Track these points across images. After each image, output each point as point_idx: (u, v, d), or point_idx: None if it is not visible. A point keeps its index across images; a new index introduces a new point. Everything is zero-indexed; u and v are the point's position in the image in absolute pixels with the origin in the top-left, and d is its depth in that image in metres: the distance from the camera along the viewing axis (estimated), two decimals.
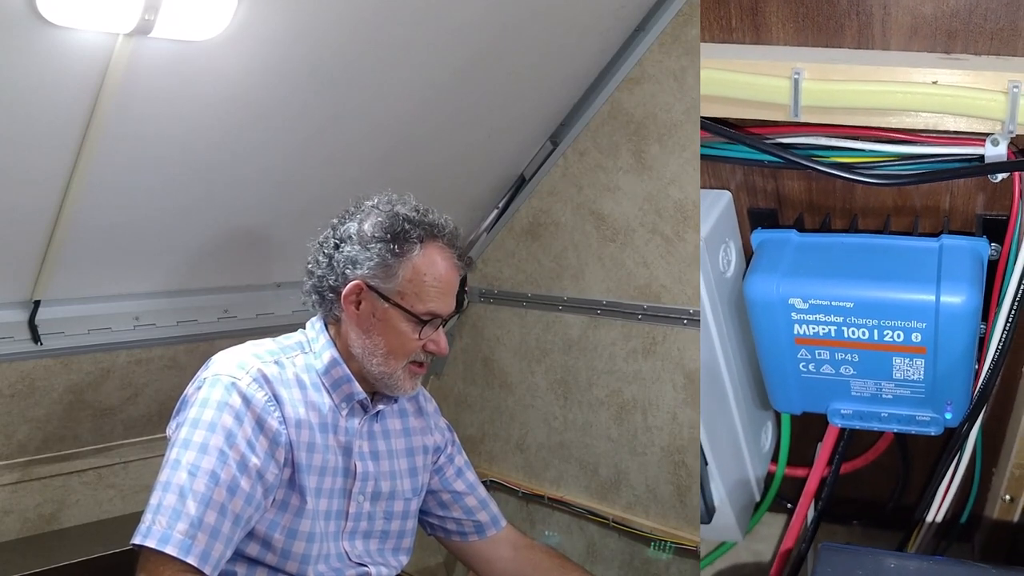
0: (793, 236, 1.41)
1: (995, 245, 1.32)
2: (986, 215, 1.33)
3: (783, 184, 1.43)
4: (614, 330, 1.97)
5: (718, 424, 1.50)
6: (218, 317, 1.88)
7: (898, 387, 1.36)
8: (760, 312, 1.34)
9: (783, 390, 1.44)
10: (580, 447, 2.07)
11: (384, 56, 1.56)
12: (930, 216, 1.38)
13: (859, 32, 1.23)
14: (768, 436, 1.69)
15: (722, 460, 1.51)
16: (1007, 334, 1.30)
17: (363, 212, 1.23)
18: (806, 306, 1.31)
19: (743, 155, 1.34)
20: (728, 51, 1.28)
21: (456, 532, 1.40)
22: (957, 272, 1.26)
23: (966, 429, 1.38)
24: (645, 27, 1.81)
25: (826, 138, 1.28)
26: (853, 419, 1.42)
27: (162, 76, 1.35)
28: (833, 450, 1.53)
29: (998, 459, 1.53)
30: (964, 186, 1.32)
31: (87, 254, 1.58)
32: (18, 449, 1.81)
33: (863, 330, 1.30)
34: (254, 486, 1.11)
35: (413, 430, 1.35)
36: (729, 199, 1.45)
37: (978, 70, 1.16)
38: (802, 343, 1.35)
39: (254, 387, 1.15)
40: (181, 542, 1.04)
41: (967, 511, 1.57)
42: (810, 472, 1.57)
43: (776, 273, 1.33)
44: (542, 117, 1.98)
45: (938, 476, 1.44)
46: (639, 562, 1.97)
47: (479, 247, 2.22)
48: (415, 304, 1.19)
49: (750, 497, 1.67)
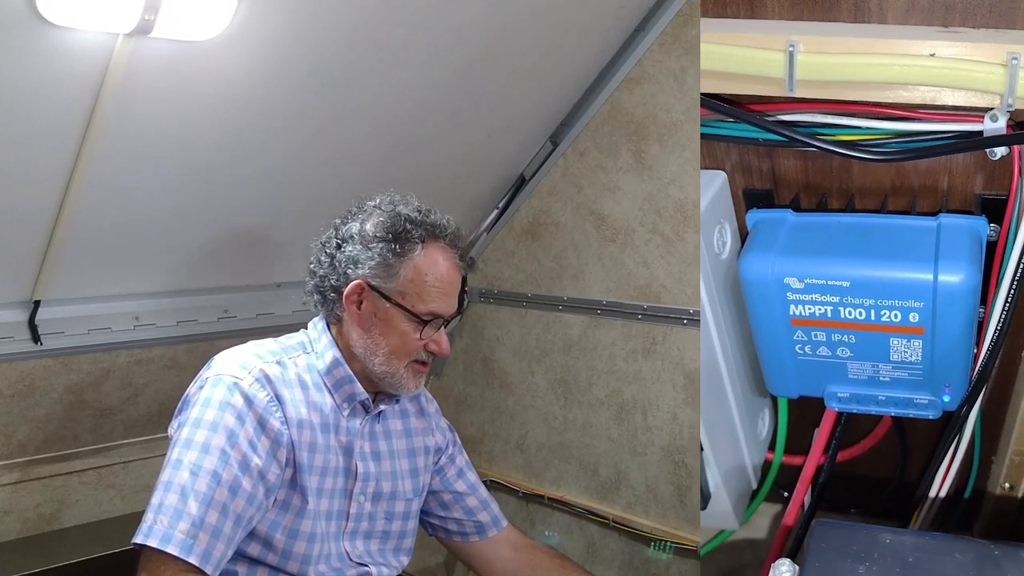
0: (789, 216, 1.39)
1: (994, 226, 1.30)
2: (985, 195, 1.31)
3: (779, 164, 1.41)
4: (614, 330, 1.97)
5: (714, 410, 1.49)
6: (218, 317, 1.88)
7: (896, 369, 1.34)
8: (755, 292, 1.32)
9: (779, 373, 1.42)
10: (580, 447, 2.07)
11: (384, 56, 1.56)
12: (928, 196, 1.36)
13: (855, 6, 1.20)
14: (765, 423, 1.67)
15: (718, 446, 1.49)
16: (1006, 315, 1.28)
17: (365, 212, 1.23)
18: (802, 285, 1.29)
19: (740, 133, 1.32)
20: (724, 25, 1.26)
21: (457, 532, 1.40)
22: (955, 250, 1.24)
23: (965, 412, 1.36)
24: (645, 27, 1.81)
25: (823, 115, 1.26)
26: (850, 402, 1.40)
27: (162, 76, 1.34)
28: (830, 435, 1.51)
29: (997, 446, 1.52)
30: (963, 165, 1.29)
31: (87, 254, 1.58)
32: (18, 449, 1.81)
33: (860, 310, 1.28)
34: (255, 486, 1.11)
35: (414, 431, 1.35)
36: (724, 179, 1.43)
37: (976, 42, 1.14)
38: (798, 324, 1.33)
39: (256, 387, 1.15)
40: (183, 542, 1.04)
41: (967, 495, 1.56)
42: (807, 458, 1.55)
43: (771, 252, 1.31)
44: (542, 117, 1.98)
45: (936, 460, 1.42)
46: (639, 562, 1.97)
47: (479, 247, 2.22)
48: (416, 304, 1.19)
49: (747, 484, 1.66)
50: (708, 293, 1.38)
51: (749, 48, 1.23)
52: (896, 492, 1.69)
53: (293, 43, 1.43)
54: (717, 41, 1.24)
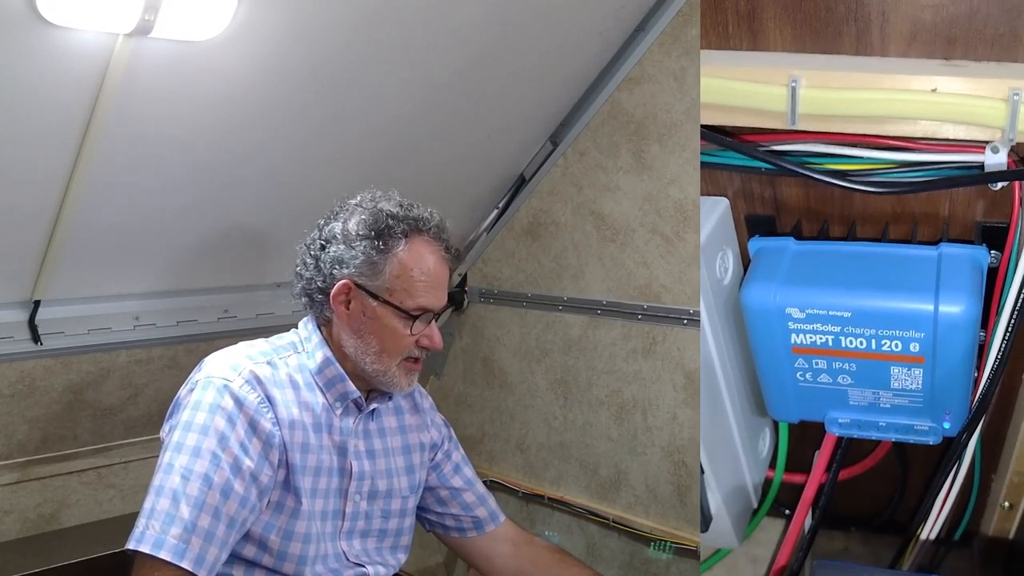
0: (790, 244, 1.40)
1: (995, 252, 1.31)
2: (985, 223, 1.32)
3: (781, 191, 1.42)
4: (614, 330, 1.97)
5: (715, 431, 1.50)
6: (218, 317, 1.88)
7: (896, 396, 1.35)
8: (757, 321, 1.34)
9: (780, 399, 1.44)
10: (580, 447, 2.07)
11: (384, 56, 1.56)
12: (929, 223, 1.37)
13: (857, 38, 1.21)
14: (766, 442, 1.68)
15: (719, 467, 1.50)
16: (1007, 343, 1.29)
17: (347, 211, 1.23)
18: (803, 315, 1.30)
19: (739, 162, 1.33)
20: (725, 58, 1.27)
21: (454, 528, 1.40)
22: (956, 281, 1.25)
23: (965, 438, 1.37)
24: (645, 27, 1.81)
25: (824, 145, 1.26)
26: (851, 428, 1.41)
27: (162, 76, 1.34)
28: (831, 457, 1.53)
29: (997, 464, 1.52)
30: (963, 193, 1.30)
31: (87, 254, 1.58)
32: (18, 449, 1.81)
33: (861, 340, 1.29)
34: (248, 488, 1.11)
35: (409, 427, 1.35)
36: (726, 206, 1.44)
37: (978, 77, 1.15)
38: (799, 352, 1.34)
39: (246, 389, 1.15)
40: (175, 547, 1.04)
41: (966, 517, 1.56)
42: (808, 479, 1.56)
43: (773, 282, 1.31)
44: (542, 117, 1.98)
45: (936, 485, 1.43)
46: (639, 562, 1.96)
47: (479, 247, 2.22)
48: (404, 300, 1.19)
49: (747, 503, 1.67)
50: (710, 317, 1.39)
51: (751, 83, 1.23)
52: (897, 511, 1.69)
53: (293, 43, 1.43)
54: (718, 75, 1.25)
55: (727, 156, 1.33)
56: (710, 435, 1.49)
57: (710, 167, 1.37)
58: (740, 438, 1.54)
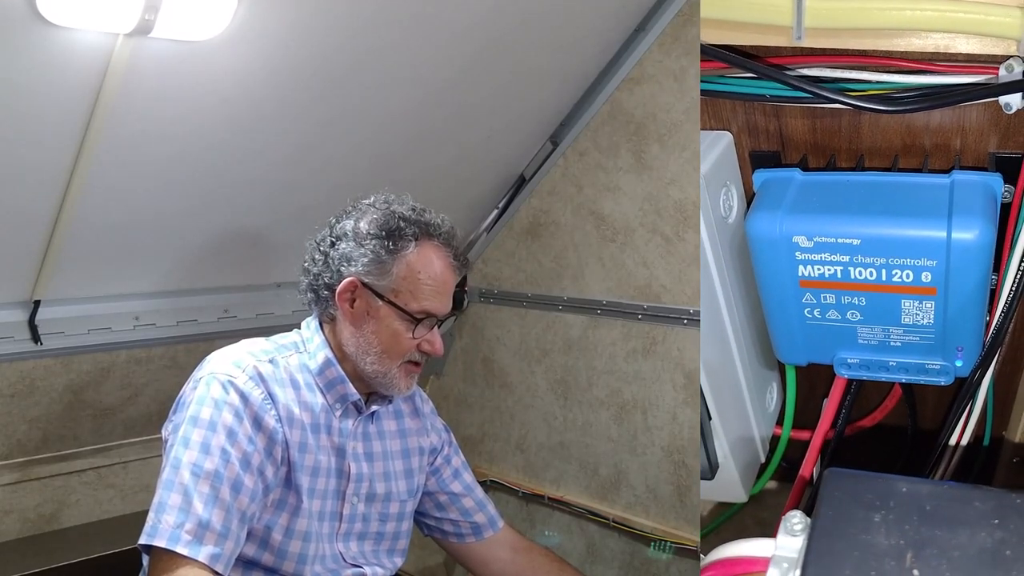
0: (796, 175, 1.34)
1: (1008, 187, 1.25)
2: (999, 153, 1.26)
3: (786, 124, 1.36)
4: (614, 330, 1.97)
5: (721, 375, 1.44)
6: (218, 317, 1.88)
7: (907, 333, 1.30)
8: (763, 252, 1.28)
9: (788, 340, 1.39)
10: (580, 447, 2.07)
11: (384, 56, 1.56)
12: (940, 155, 1.31)
13: None
14: (774, 396, 1.63)
15: (725, 412, 1.45)
16: (1021, 278, 1.23)
17: (360, 210, 1.23)
18: (811, 244, 1.24)
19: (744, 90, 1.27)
20: None
21: (453, 533, 1.40)
22: (969, 207, 1.19)
23: (978, 378, 1.32)
24: (645, 27, 1.81)
25: (831, 69, 1.20)
26: (860, 369, 1.36)
27: (162, 76, 1.34)
28: (839, 405, 1.47)
29: (1008, 422, 1.48)
30: (976, 123, 1.25)
31: (87, 254, 1.58)
32: (18, 449, 1.81)
33: (871, 270, 1.24)
34: (256, 483, 1.12)
35: (409, 431, 1.34)
36: (730, 140, 1.39)
37: None
38: (807, 286, 1.29)
39: (250, 385, 1.15)
40: (190, 542, 1.04)
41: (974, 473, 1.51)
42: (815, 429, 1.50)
43: (779, 210, 1.26)
44: (542, 117, 1.98)
45: (948, 427, 1.37)
46: (639, 562, 1.97)
47: (479, 247, 2.22)
48: (409, 302, 1.19)
49: (755, 456, 1.61)
50: (714, 254, 1.34)
51: None
52: (906, 467, 1.63)
53: (293, 43, 1.43)
54: None
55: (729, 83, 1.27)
56: (716, 379, 1.43)
57: (711, 96, 1.30)
58: (747, 386, 1.49)
